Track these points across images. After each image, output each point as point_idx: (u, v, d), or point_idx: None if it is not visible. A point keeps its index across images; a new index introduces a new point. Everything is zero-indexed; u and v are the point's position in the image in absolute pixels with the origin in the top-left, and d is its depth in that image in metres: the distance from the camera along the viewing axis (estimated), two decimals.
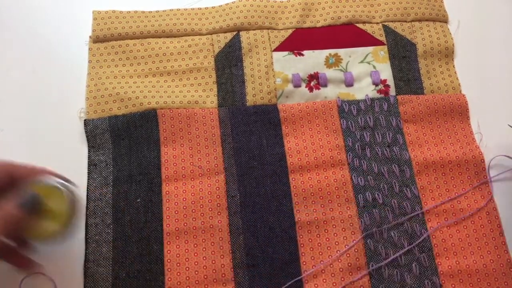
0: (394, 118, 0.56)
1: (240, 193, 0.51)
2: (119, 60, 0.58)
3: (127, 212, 0.50)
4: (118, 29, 0.59)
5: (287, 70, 0.58)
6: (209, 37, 0.59)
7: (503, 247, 0.50)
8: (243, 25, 0.60)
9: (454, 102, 0.57)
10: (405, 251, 0.49)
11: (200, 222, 0.50)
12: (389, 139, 0.55)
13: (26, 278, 0.47)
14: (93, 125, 0.53)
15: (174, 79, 0.57)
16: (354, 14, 0.61)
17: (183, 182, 0.52)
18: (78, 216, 0.43)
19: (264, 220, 0.50)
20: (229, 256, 0.49)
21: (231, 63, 0.58)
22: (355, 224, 0.50)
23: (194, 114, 0.55)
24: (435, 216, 0.51)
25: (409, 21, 0.61)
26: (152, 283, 0.47)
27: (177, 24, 0.60)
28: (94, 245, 0.49)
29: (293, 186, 0.52)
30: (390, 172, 0.53)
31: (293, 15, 0.61)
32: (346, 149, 0.54)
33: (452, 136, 0.55)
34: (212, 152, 0.53)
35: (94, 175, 0.52)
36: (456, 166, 0.54)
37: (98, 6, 0.60)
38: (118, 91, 0.55)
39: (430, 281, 0.48)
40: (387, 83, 0.58)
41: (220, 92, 0.57)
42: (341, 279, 0.48)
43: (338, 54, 0.59)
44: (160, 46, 0.58)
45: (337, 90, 0.57)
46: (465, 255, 0.50)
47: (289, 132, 0.55)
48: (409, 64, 0.59)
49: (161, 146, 0.53)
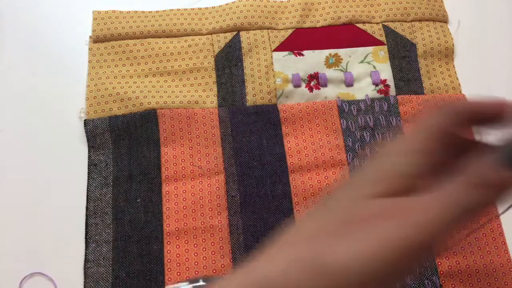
0: (394, 118, 0.56)
1: (240, 193, 0.51)
2: (119, 60, 0.58)
3: (127, 212, 0.50)
4: (118, 29, 0.59)
5: (287, 70, 0.58)
6: (209, 37, 0.59)
7: (503, 247, 0.50)
8: (243, 25, 0.60)
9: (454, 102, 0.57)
10: None
11: (200, 222, 0.50)
12: (389, 139, 0.55)
13: (26, 278, 0.47)
14: (93, 125, 0.53)
15: (174, 79, 0.57)
16: (354, 14, 0.61)
17: (183, 182, 0.52)
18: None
19: (264, 220, 0.50)
20: (229, 256, 0.49)
21: (231, 63, 0.58)
22: None
23: (194, 114, 0.55)
24: None
25: (409, 21, 0.61)
26: (152, 283, 0.47)
27: (177, 24, 0.60)
28: (94, 245, 0.49)
29: (293, 186, 0.52)
30: None
31: (293, 15, 0.61)
32: (346, 149, 0.54)
33: None
34: (212, 152, 0.53)
35: (94, 175, 0.52)
36: None
37: (98, 6, 0.60)
38: (118, 91, 0.55)
39: (430, 281, 0.48)
40: (387, 83, 0.58)
41: (220, 92, 0.57)
42: None
43: (338, 54, 0.59)
44: (160, 46, 0.58)
45: (337, 90, 0.57)
46: (465, 255, 0.50)
47: (289, 132, 0.55)
48: (409, 64, 0.59)
49: (161, 146, 0.53)
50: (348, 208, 0.24)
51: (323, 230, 0.24)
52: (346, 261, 0.22)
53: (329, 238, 0.23)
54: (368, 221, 0.23)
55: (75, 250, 0.49)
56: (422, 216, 0.22)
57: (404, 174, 0.24)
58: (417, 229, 0.22)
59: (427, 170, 0.25)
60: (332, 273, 0.22)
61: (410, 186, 0.24)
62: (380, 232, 0.22)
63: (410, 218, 0.22)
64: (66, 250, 0.49)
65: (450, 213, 0.23)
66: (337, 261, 0.22)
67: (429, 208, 0.23)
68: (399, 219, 0.22)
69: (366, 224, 0.23)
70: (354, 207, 0.24)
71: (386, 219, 0.23)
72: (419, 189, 0.24)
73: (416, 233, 0.22)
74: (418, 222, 0.22)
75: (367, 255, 0.22)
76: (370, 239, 0.22)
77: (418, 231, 0.22)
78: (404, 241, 0.22)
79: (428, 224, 0.22)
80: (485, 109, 0.26)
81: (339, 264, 0.22)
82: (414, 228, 0.22)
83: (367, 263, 0.22)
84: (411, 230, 0.22)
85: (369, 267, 0.22)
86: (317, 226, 0.24)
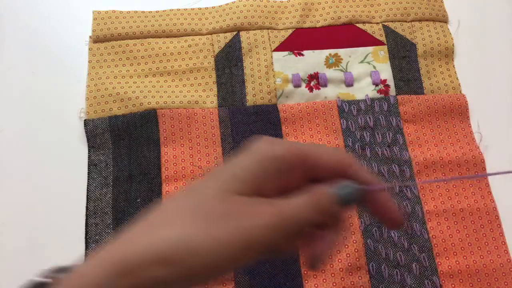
0: (394, 118, 0.56)
1: None
2: (119, 60, 0.58)
3: (127, 212, 0.50)
4: (118, 29, 0.59)
5: (287, 70, 0.58)
6: (209, 37, 0.59)
7: (503, 247, 0.50)
8: (243, 25, 0.60)
9: (454, 102, 0.57)
10: (405, 250, 0.49)
11: None
12: (389, 139, 0.55)
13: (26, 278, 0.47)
14: (93, 125, 0.53)
15: (174, 79, 0.57)
16: (354, 14, 0.61)
17: (183, 182, 0.52)
18: None
19: None
20: None
21: (231, 63, 0.58)
22: (355, 224, 0.50)
23: (194, 114, 0.55)
24: (435, 216, 0.51)
25: (409, 21, 0.61)
26: None
27: (177, 24, 0.60)
28: (94, 245, 0.49)
29: None
30: (390, 172, 0.53)
31: (293, 15, 0.61)
32: (346, 149, 0.54)
33: (452, 136, 0.55)
34: (212, 152, 0.53)
35: (94, 175, 0.52)
36: (456, 166, 0.54)
37: (98, 6, 0.60)
38: (118, 91, 0.55)
39: (430, 281, 0.48)
40: (387, 83, 0.58)
41: (220, 92, 0.57)
42: (341, 279, 0.48)
43: (338, 54, 0.59)
44: (160, 46, 0.58)
45: (337, 90, 0.57)
46: (465, 255, 0.50)
47: (289, 132, 0.55)
48: (409, 64, 0.59)
49: (161, 146, 0.53)
50: (214, 198, 0.28)
51: (187, 213, 0.27)
52: (211, 242, 0.26)
53: (194, 221, 0.27)
54: (228, 214, 0.27)
55: (75, 250, 0.49)
56: (268, 220, 0.27)
57: (261, 180, 0.29)
58: (259, 231, 0.27)
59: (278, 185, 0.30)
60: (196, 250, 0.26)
61: (264, 191, 0.29)
62: (236, 225, 0.27)
63: (259, 219, 0.27)
64: (66, 250, 0.48)
65: (287, 224, 0.28)
66: (205, 240, 0.26)
67: (274, 216, 0.28)
68: (251, 219, 0.27)
69: (226, 216, 0.27)
70: (219, 199, 0.28)
71: (243, 216, 0.27)
72: (271, 195, 0.30)
73: (258, 234, 0.27)
74: (261, 225, 0.27)
75: (224, 241, 0.26)
76: (228, 228, 0.27)
77: (260, 232, 0.27)
78: (248, 236, 0.27)
79: (270, 229, 0.27)
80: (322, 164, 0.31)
81: (205, 242, 0.26)
82: (259, 230, 0.27)
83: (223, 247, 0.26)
84: (257, 231, 0.27)
85: (224, 251, 0.26)
86: (182, 210, 0.28)
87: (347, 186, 0.30)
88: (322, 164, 0.31)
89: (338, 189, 0.30)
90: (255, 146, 0.30)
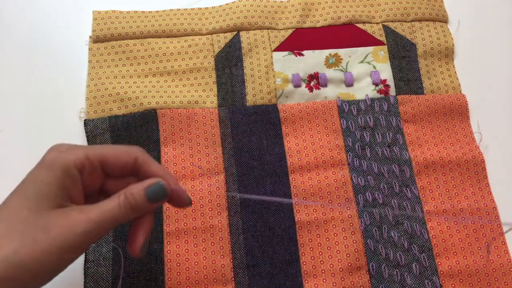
0: (394, 118, 0.56)
1: (240, 193, 0.51)
2: (119, 60, 0.58)
3: None
4: (118, 29, 0.59)
5: (287, 70, 0.58)
6: (209, 37, 0.60)
7: (503, 247, 0.50)
8: (243, 25, 0.60)
9: (454, 102, 0.57)
10: (405, 251, 0.49)
11: (200, 222, 0.50)
12: (389, 139, 0.55)
13: None
14: (93, 125, 0.53)
15: (174, 79, 0.57)
16: (354, 14, 0.61)
17: (183, 182, 0.52)
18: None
19: (264, 220, 0.50)
20: (229, 256, 0.49)
21: (231, 63, 0.58)
22: (355, 224, 0.50)
23: (194, 114, 0.55)
24: (435, 216, 0.51)
25: (409, 21, 0.61)
26: (152, 283, 0.47)
27: (177, 24, 0.60)
28: (94, 245, 0.49)
29: (293, 186, 0.52)
30: (390, 172, 0.53)
31: (293, 15, 0.61)
32: (346, 149, 0.54)
33: (452, 136, 0.56)
34: (212, 152, 0.53)
35: None
36: (456, 166, 0.54)
37: (98, 6, 0.60)
38: (118, 91, 0.55)
39: (430, 281, 0.48)
40: (387, 83, 0.58)
41: (220, 92, 0.57)
42: (341, 279, 0.48)
43: (338, 54, 0.59)
44: (160, 46, 0.58)
45: (337, 90, 0.57)
46: (465, 255, 0.50)
47: (289, 132, 0.55)
48: (409, 64, 0.59)
49: (161, 146, 0.53)
50: (34, 216, 0.33)
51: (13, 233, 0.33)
52: (36, 255, 0.32)
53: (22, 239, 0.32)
54: (48, 228, 0.33)
55: None
56: (84, 227, 0.33)
57: (69, 188, 0.35)
58: (77, 237, 0.33)
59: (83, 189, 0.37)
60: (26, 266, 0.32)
61: (76, 198, 0.36)
62: (54, 237, 0.33)
63: (76, 228, 0.33)
64: None
65: (102, 226, 0.34)
66: (31, 253, 0.32)
67: (89, 223, 0.34)
68: (68, 228, 0.33)
69: (47, 229, 0.33)
70: (38, 216, 0.33)
71: (61, 228, 0.33)
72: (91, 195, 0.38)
73: (75, 240, 0.33)
74: (78, 232, 0.33)
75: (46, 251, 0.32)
76: (49, 239, 0.33)
77: (77, 239, 0.33)
78: (66, 244, 0.33)
79: (86, 235, 0.34)
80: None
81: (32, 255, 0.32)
82: (76, 236, 0.33)
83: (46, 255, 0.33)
84: (74, 237, 0.33)
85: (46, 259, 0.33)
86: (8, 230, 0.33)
87: (156, 185, 0.36)
88: (118, 162, 0.37)
89: (148, 189, 0.36)
90: (47, 158, 0.36)
